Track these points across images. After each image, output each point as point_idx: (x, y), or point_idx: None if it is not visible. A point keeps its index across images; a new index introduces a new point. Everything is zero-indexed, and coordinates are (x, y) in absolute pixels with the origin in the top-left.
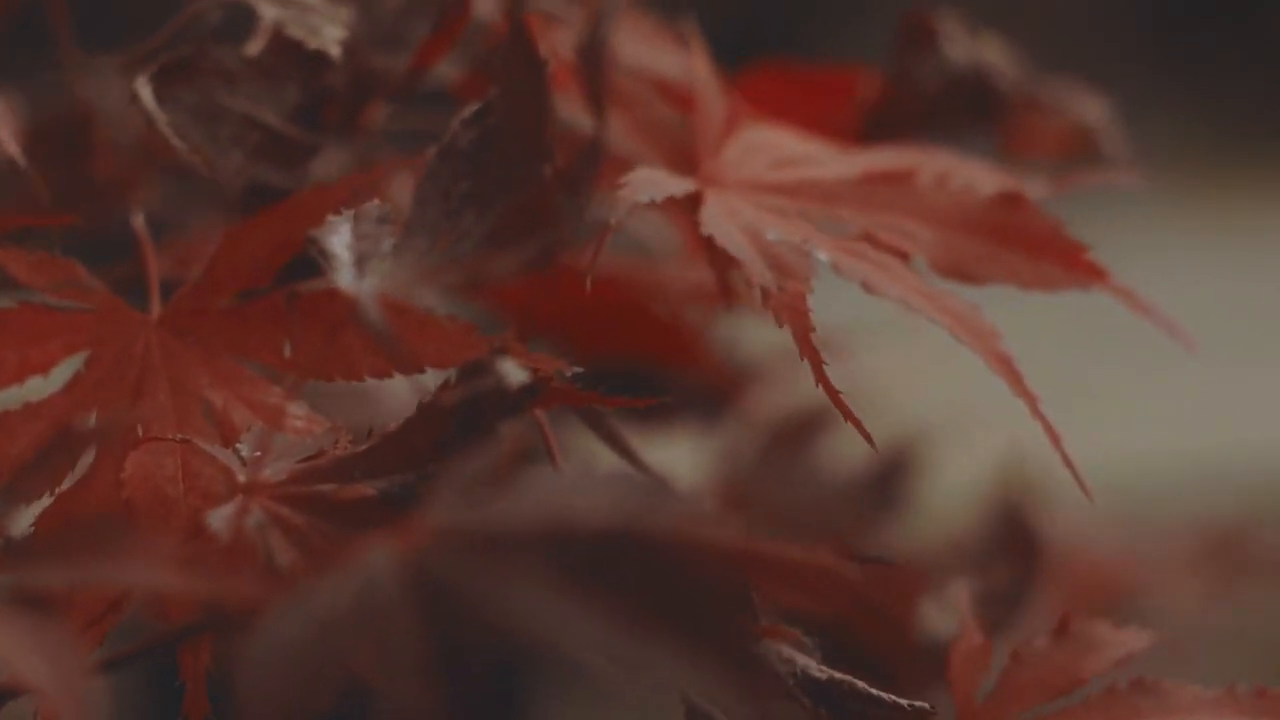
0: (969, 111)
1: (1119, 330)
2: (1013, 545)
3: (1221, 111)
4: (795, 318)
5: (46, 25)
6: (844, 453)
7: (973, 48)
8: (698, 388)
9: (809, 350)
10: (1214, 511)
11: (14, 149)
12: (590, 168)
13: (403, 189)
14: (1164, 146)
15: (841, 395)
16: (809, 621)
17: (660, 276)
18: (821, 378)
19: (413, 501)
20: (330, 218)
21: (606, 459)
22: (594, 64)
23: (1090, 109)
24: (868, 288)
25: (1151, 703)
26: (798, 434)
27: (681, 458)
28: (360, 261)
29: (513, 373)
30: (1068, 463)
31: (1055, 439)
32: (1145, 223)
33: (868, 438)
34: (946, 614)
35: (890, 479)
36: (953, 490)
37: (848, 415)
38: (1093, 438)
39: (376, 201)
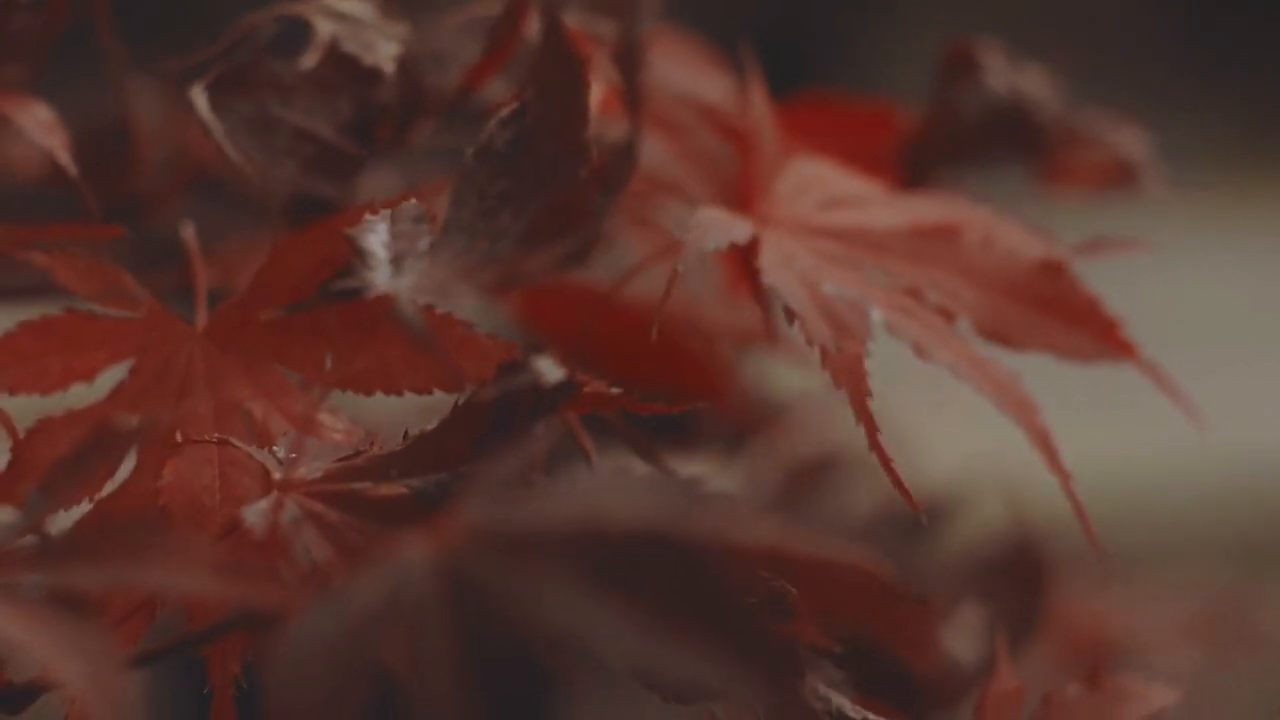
0: (1009, 143)
1: (1141, 327)
2: (1019, 568)
3: (1251, 111)
4: (853, 381)
5: (91, 37)
6: (860, 498)
7: (1014, 79)
8: (720, 422)
9: (865, 416)
10: (1213, 578)
11: (65, 159)
12: (624, 167)
13: (443, 207)
14: (1193, 145)
15: (892, 462)
16: (837, 627)
17: (697, 312)
18: (875, 445)
19: (447, 500)
20: (367, 217)
21: (641, 466)
22: (630, 63)
23: (1130, 142)
24: (919, 351)
25: None
26: (815, 476)
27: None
28: (397, 260)
29: (549, 371)
30: (1091, 536)
31: (1082, 513)
32: (1174, 222)
33: (911, 502)
34: (963, 635)
35: (906, 530)
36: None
37: (899, 487)
38: (1110, 436)
39: (413, 202)
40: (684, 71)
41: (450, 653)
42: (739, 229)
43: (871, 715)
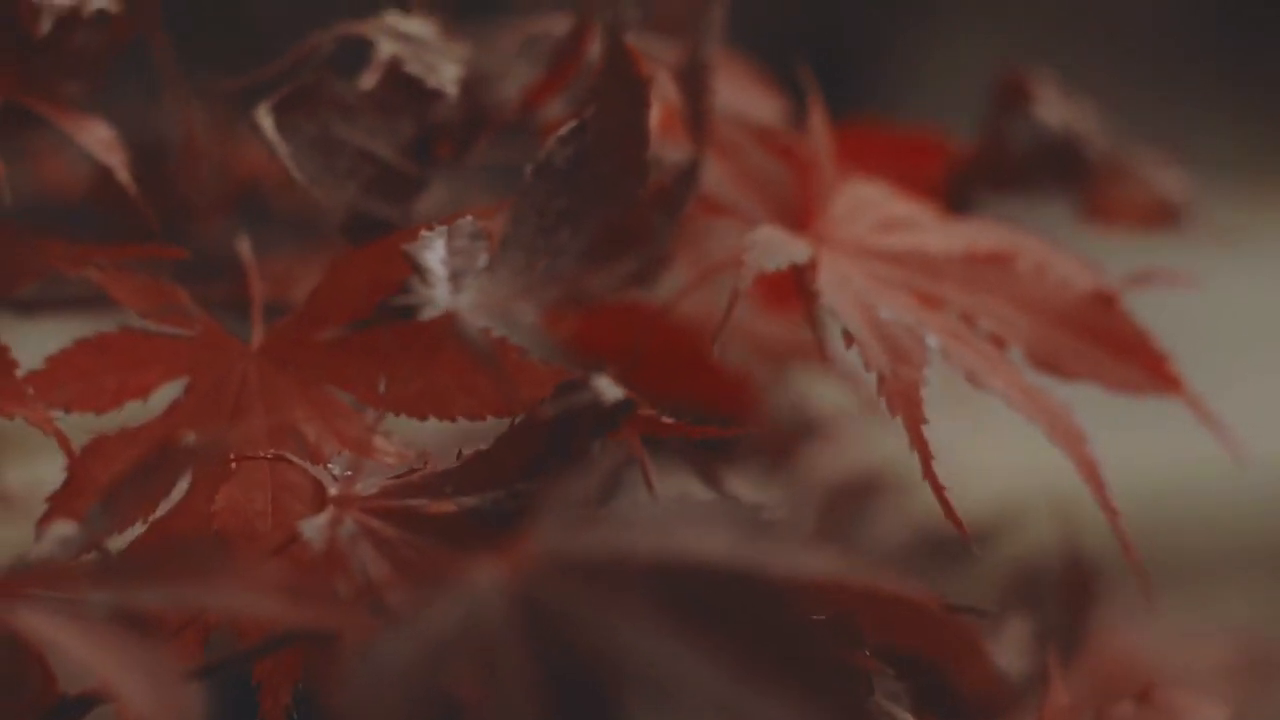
0: (1056, 176)
1: (1177, 336)
2: (1067, 584)
3: None
4: (909, 408)
5: (136, 53)
6: (899, 519)
7: (1066, 112)
8: (759, 440)
9: (919, 443)
10: (1252, 594)
11: (125, 177)
12: (687, 188)
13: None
14: (1225, 145)
15: (945, 490)
16: (892, 654)
17: (736, 328)
18: (929, 474)
19: (504, 518)
20: (424, 233)
21: (702, 491)
22: (694, 85)
23: (1174, 182)
24: (972, 380)
25: None
26: (853, 497)
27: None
28: (456, 276)
29: (608, 390)
30: (1140, 572)
31: (1129, 550)
32: (1206, 223)
33: (963, 531)
34: (1009, 650)
35: (947, 549)
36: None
37: (950, 514)
38: (1147, 448)
39: (470, 219)
40: (734, 92)
41: (526, 681)
42: (798, 250)
43: None
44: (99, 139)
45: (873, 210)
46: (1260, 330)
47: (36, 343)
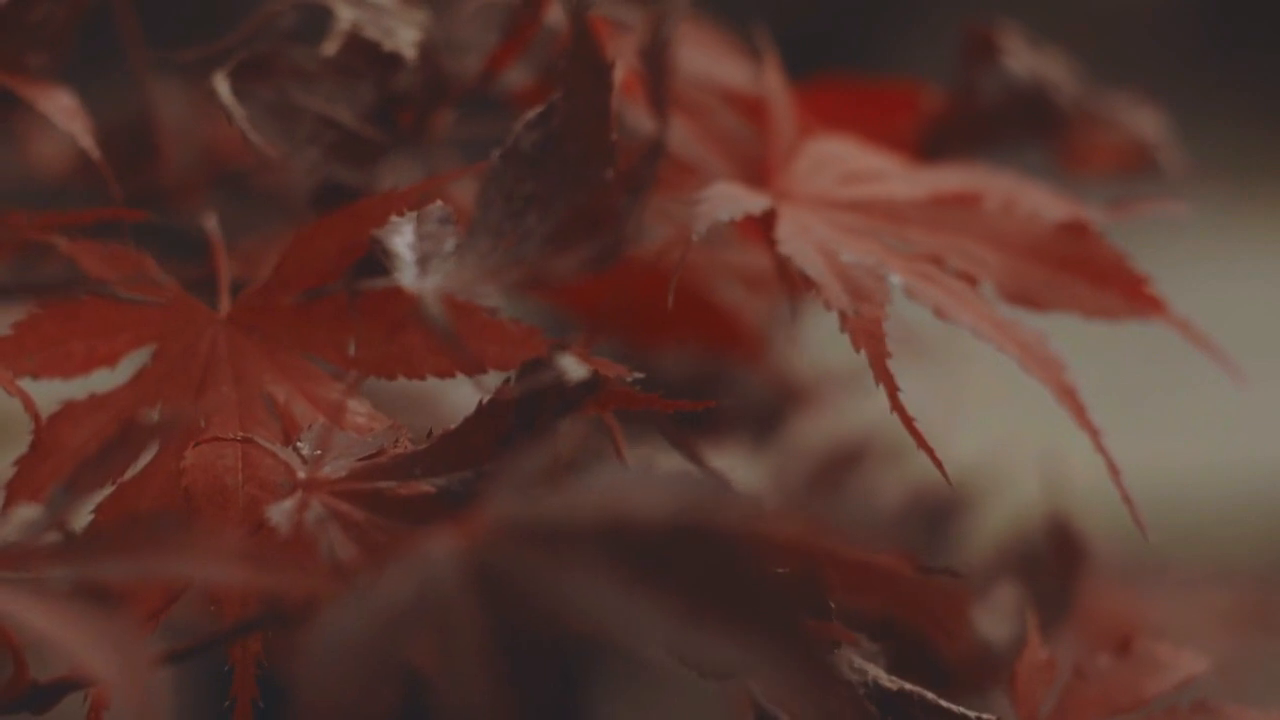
0: (1029, 126)
1: (1164, 337)
2: (1055, 549)
3: (1272, 112)
4: (872, 343)
5: (111, 27)
6: (890, 481)
7: (1034, 62)
8: (755, 396)
9: (885, 377)
10: (1243, 565)
11: (89, 144)
12: (650, 168)
13: (468, 196)
14: (1220, 152)
15: (915, 423)
16: (866, 620)
17: (720, 261)
18: (897, 405)
19: (472, 498)
20: (393, 218)
21: (669, 459)
22: (657, 64)
23: (1148, 124)
24: (939, 314)
25: None
26: (846, 462)
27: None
28: (423, 261)
29: (573, 369)
30: (1126, 499)
31: (1115, 471)
32: (1199, 229)
33: (940, 467)
34: (996, 617)
35: (939, 513)
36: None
37: (922, 443)
38: (1137, 446)
39: (439, 203)
40: (704, 55)
41: (479, 646)
42: (753, 201)
43: (907, 685)
44: (62, 106)
45: (837, 164)
46: (1259, 332)
47: (6, 325)
